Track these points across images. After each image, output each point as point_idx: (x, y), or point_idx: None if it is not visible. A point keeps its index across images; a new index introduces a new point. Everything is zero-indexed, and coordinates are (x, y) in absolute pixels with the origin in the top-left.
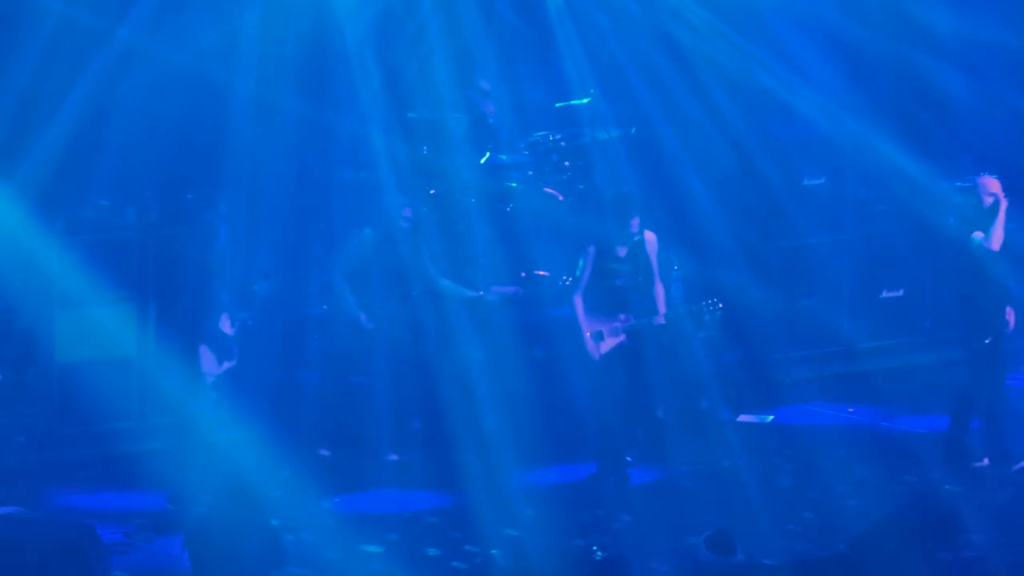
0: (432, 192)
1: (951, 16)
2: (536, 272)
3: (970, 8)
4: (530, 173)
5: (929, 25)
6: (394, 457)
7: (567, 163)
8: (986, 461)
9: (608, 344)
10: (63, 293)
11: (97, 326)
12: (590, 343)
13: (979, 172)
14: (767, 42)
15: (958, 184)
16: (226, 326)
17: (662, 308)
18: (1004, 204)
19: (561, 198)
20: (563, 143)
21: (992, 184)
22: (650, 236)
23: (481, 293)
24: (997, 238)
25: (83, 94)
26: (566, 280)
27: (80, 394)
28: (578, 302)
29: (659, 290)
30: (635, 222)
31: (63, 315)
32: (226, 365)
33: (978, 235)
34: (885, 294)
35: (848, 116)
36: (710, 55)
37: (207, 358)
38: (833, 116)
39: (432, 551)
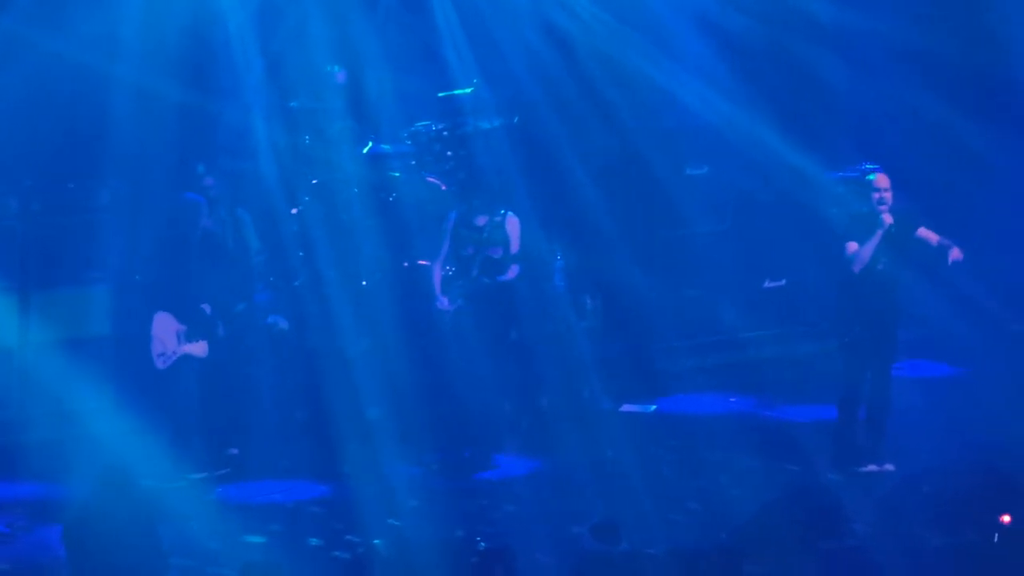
0: (314, 182)
1: (832, 5)
2: (419, 262)
3: None
4: (413, 163)
5: (811, 14)
6: (276, 447)
7: (450, 153)
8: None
9: (448, 307)
10: None
11: None
12: (439, 310)
13: (864, 163)
14: (651, 31)
15: (840, 174)
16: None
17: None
18: (879, 232)
19: (444, 187)
20: (446, 133)
21: (882, 181)
22: (513, 220)
23: (364, 283)
24: (861, 261)
25: None
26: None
27: None
28: (436, 270)
29: (512, 269)
30: (489, 200)
31: None
32: (184, 348)
33: (852, 247)
34: (768, 284)
35: (731, 106)
36: (593, 44)
37: (167, 334)
38: (715, 106)
39: (314, 541)
